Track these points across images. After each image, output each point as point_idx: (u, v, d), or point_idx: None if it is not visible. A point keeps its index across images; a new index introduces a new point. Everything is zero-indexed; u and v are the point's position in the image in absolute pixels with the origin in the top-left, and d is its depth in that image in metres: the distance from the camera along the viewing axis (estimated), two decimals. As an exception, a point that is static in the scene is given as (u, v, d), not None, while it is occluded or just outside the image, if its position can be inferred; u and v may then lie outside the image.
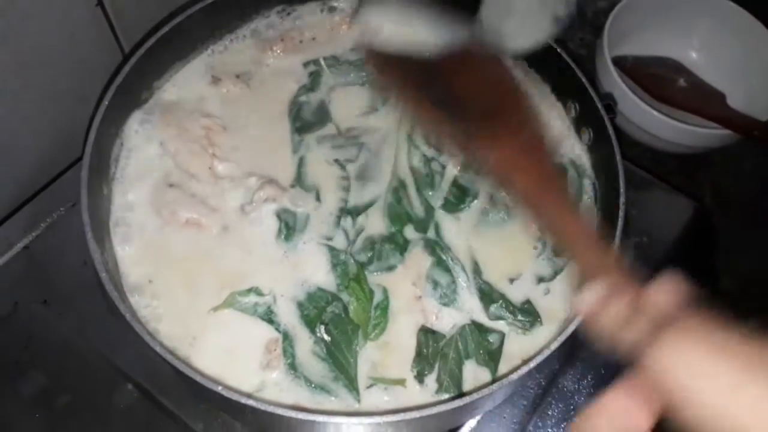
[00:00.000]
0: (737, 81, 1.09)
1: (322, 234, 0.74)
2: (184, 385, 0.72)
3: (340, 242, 0.74)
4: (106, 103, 0.72)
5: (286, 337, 0.68)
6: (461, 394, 0.66)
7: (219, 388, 0.58)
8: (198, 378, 0.59)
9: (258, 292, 0.70)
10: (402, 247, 0.74)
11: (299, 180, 0.77)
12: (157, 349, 0.60)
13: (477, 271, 0.73)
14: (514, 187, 0.57)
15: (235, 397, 0.58)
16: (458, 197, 0.77)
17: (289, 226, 0.73)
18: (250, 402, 0.58)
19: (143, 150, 0.77)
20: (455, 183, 0.78)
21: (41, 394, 0.73)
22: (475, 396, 0.59)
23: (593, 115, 0.76)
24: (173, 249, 0.72)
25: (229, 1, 0.83)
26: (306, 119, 0.82)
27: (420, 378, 0.67)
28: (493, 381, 0.66)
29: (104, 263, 0.65)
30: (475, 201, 0.77)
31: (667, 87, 1.11)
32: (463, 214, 0.77)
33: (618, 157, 0.71)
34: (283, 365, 0.67)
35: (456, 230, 0.76)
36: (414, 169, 0.79)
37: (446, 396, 0.66)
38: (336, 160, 0.79)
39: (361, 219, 0.75)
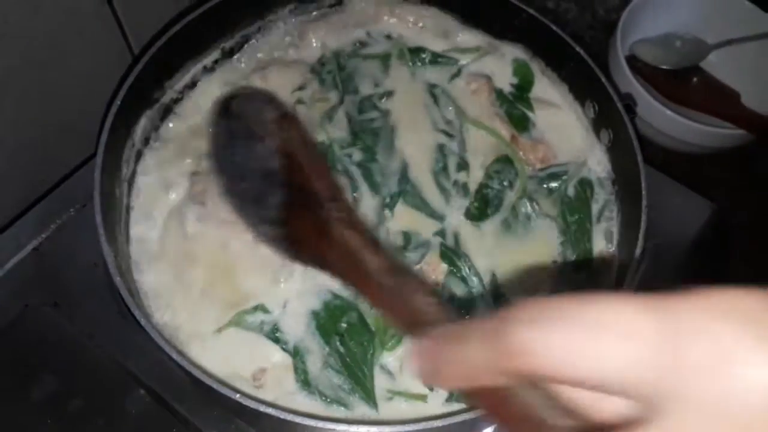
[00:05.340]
0: (752, 80, 1.08)
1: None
2: (198, 391, 0.71)
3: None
4: (119, 102, 0.70)
5: (297, 353, 0.66)
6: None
7: (237, 396, 0.57)
8: (215, 385, 0.58)
9: (263, 309, 0.68)
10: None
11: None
12: (174, 356, 0.59)
13: (495, 283, 0.71)
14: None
15: (253, 405, 0.57)
16: (480, 209, 0.75)
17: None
18: (269, 410, 0.57)
19: (156, 151, 0.76)
20: (478, 192, 0.76)
21: (53, 398, 0.71)
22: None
23: (613, 116, 0.75)
24: (188, 256, 0.71)
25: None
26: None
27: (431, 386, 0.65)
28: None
29: (118, 267, 0.63)
30: (497, 213, 0.75)
31: (681, 86, 1.10)
32: (484, 224, 0.75)
33: (639, 159, 0.70)
34: (294, 384, 0.66)
35: (476, 240, 0.73)
36: (426, 158, 0.77)
37: (456, 405, 0.65)
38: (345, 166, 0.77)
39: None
